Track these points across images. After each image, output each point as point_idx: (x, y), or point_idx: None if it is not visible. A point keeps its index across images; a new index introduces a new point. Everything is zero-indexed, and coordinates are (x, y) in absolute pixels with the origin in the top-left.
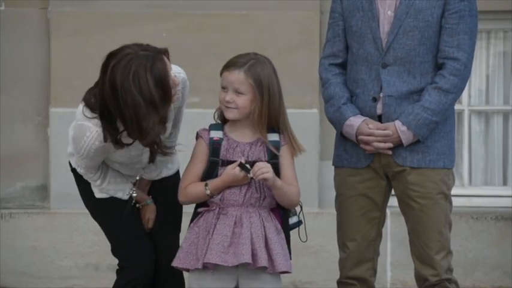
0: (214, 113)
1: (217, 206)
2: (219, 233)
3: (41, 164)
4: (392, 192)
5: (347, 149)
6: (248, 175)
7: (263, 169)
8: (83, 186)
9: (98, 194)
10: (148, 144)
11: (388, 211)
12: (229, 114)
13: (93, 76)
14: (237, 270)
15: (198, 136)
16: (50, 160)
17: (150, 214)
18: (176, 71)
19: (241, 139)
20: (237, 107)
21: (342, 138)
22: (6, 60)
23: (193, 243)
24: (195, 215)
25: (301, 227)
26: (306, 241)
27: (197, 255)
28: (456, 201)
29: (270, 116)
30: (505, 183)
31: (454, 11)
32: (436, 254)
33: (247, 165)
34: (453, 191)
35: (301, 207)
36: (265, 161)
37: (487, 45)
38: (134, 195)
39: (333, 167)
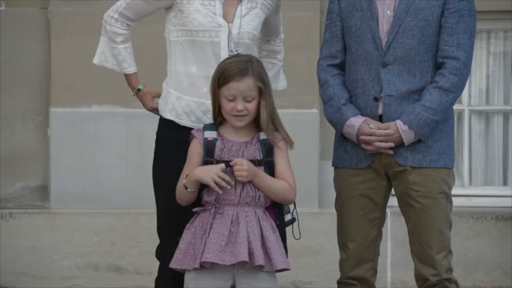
0: (215, 118)
1: (213, 205)
2: (216, 232)
3: (41, 164)
4: (392, 192)
5: (347, 150)
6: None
7: (237, 172)
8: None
9: (96, 58)
10: None
11: (388, 211)
12: (240, 123)
13: (93, 76)
14: (234, 269)
15: (192, 137)
16: (50, 160)
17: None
18: None
19: (236, 138)
20: (248, 114)
21: (342, 138)
22: (6, 60)
23: (191, 244)
24: (191, 215)
25: (295, 224)
26: (299, 238)
27: (194, 255)
28: (456, 201)
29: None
30: (505, 183)
31: (454, 10)
32: (437, 254)
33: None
34: (453, 191)
35: (294, 204)
36: (261, 159)
37: (487, 45)
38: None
39: (333, 167)
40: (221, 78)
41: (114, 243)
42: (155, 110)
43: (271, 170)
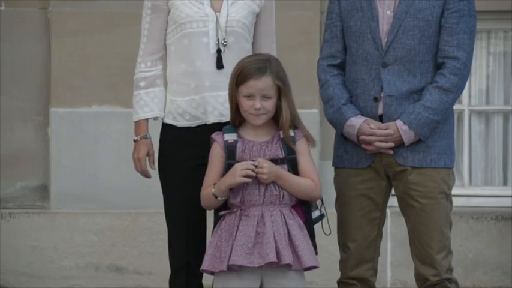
0: (234, 119)
1: (238, 208)
2: (243, 234)
3: (41, 164)
4: (392, 192)
5: (347, 150)
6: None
7: (258, 175)
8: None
9: (138, 113)
10: None
11: (388, 211)
12: (259, 121)
13: (93, 76)
14: (261, 269)
15: (212, 140)
16: (50, 160)
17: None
18: None
19: (257, 139)
20: (266, 112)
21: (342, 138)
22: (6, 60)
23: (217, 246)
24: (217, 219)
25: (324, 220)
26: (329, 234)
27: (221, 258)
28: (456, 201)
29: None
30: (505, 183)
31: (454, 10)
32: (437, 254)
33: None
34: (453, 191)
35: (321, 200)
36: (283, 157)
37: (487, 45)
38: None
39: (333, 167)
40: (240, 77)
41: (114, 243)
42: (142, 163)
43: (294, 167)
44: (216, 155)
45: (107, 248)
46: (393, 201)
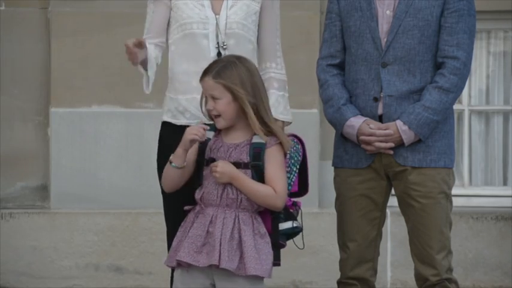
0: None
1: (199, 205)
2: (194, 232)
3: (41, 164)
4: (392, 192)
5: (347, 150)
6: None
7: (212, 173)
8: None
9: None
10: None
11: (388, 211)
12: (218, 124)
13: (93, 76)
14: (211, 269)
15: None
16: (50, 160)
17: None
18: None
19: (230, 140)
20: (219, 113)
21: (342, 138)
22: (6, 60)
23: (181, 242)
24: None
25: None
26: (303, 248)
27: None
28: (456, 201)
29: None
30: (505, 183)
31: (453, 10)
32: (437, 254)
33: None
34: (453, 191)
35: (298, 212)
36: (247, 162)
37: (487, 45)
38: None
39: (333, 167)
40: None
41: (114, 243)
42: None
43: (259, 174)
44: (193, 148)
45: (107, 248)
46: (393, 201)
